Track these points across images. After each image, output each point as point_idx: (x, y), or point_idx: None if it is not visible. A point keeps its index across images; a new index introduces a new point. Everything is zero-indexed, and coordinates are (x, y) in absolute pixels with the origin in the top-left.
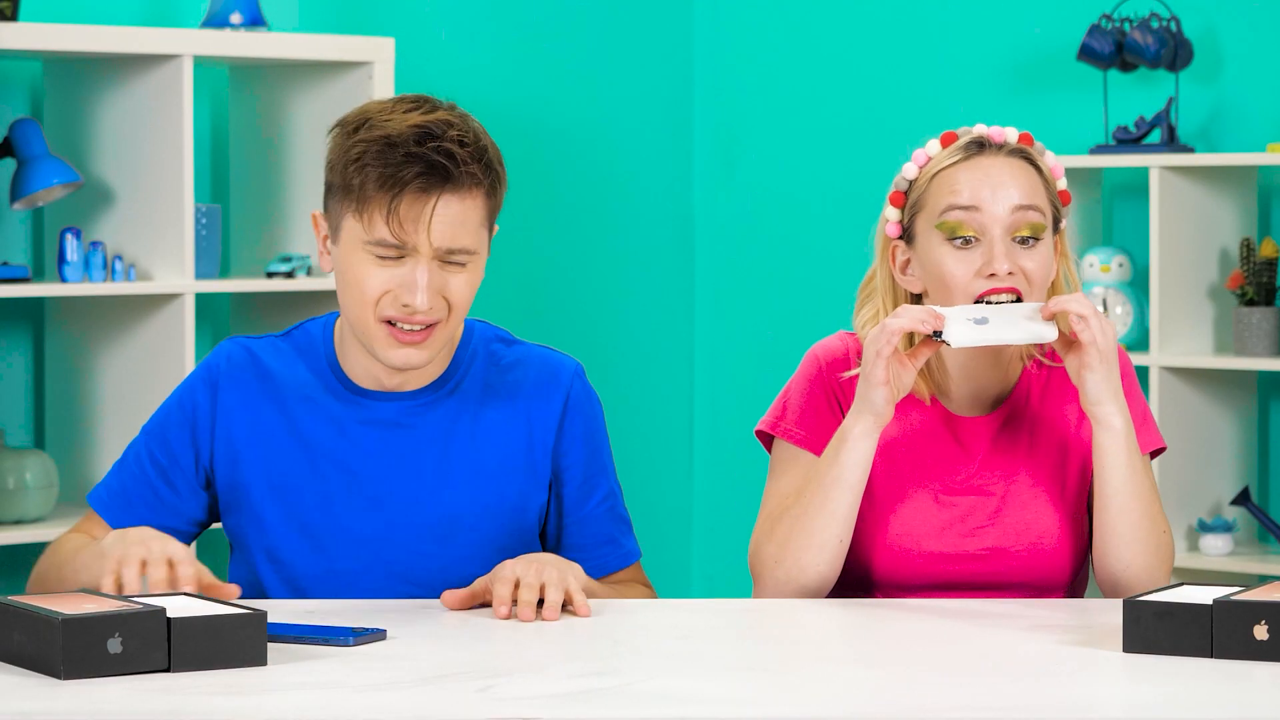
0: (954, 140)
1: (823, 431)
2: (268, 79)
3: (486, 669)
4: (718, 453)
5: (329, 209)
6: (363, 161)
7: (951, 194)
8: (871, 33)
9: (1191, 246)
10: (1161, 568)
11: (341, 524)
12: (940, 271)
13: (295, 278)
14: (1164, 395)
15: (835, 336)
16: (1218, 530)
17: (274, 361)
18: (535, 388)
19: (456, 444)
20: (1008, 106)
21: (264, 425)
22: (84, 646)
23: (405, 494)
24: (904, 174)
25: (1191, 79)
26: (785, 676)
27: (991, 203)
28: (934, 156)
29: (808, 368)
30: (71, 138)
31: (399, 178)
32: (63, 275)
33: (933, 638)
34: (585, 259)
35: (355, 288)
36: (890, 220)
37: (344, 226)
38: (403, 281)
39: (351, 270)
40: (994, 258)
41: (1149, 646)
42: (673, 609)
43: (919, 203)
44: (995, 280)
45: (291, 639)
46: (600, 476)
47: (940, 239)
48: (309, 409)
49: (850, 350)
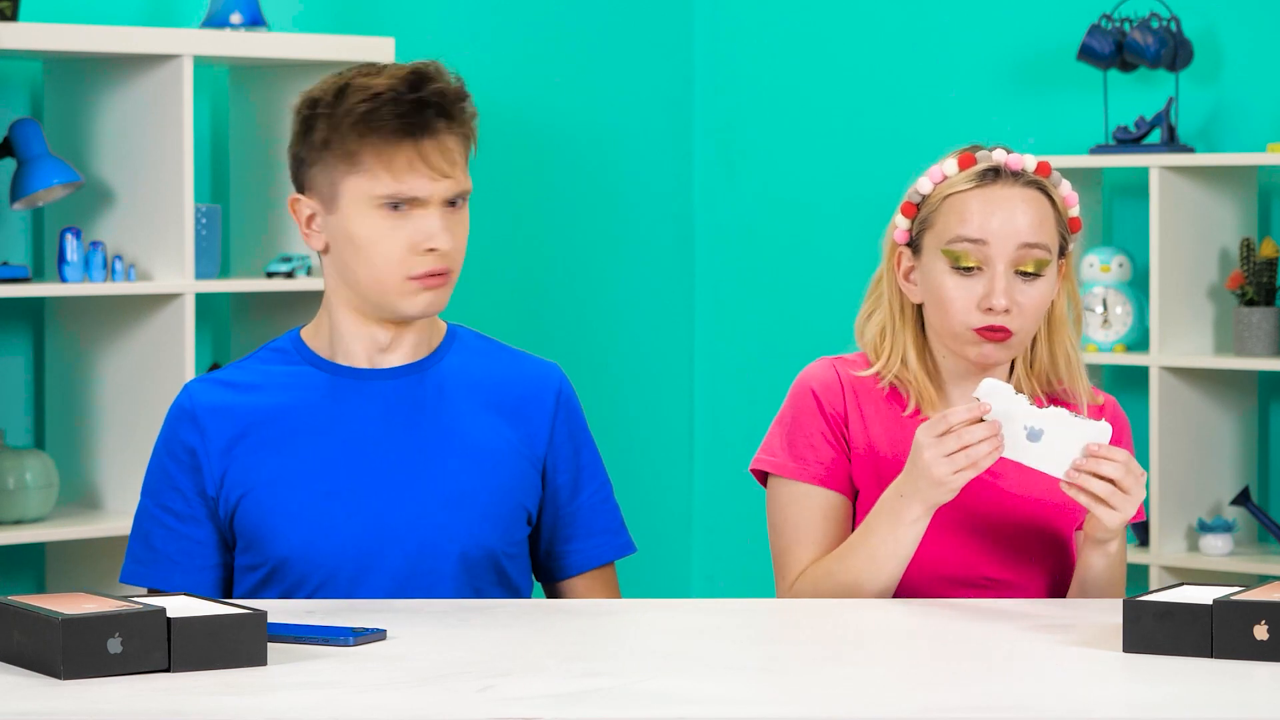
0: (972, 163)
1: (830, 463)
2: (268, 79)
3: (487, 669)
4: (718, 455)
5: (313, 184)
6: (368, 119)
7: (960, 223)
8: (872, 32)
9: (1191, 246)
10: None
11: (355, 502)
12: (940, 295)
13: (295, 278)
14: (1164, 395)
15: (822, 363)
16: (1218, 530)
17: (245, 377)
18: (525, 385)
19: (450, 413)
20: (1008, 106)
21: (258, 427)
22: (84, 646)
23: (414, 461)
24: (918, 187)
25: (1191, 79)
26: (786, 676)
27: (999, 237)
28: (950, 177)
29: (802, 400)
30: (71, 138)
31: (410, 125)
32: (63, 275)
33: (932, 637)
34: (583, 263)
35: (373, 248)
36: (900, 228)
37: (344, 193)
38: (422, 229)
39: (364, 232)
40: (993, 291)
41: (1149, 646)
42: (673, 608)
43: (928, 220)
44: (991, 316)
45: (291, 639)
46: (593, 468)
47: (944, 263)
48: (300, 396)
49: (841, 376)
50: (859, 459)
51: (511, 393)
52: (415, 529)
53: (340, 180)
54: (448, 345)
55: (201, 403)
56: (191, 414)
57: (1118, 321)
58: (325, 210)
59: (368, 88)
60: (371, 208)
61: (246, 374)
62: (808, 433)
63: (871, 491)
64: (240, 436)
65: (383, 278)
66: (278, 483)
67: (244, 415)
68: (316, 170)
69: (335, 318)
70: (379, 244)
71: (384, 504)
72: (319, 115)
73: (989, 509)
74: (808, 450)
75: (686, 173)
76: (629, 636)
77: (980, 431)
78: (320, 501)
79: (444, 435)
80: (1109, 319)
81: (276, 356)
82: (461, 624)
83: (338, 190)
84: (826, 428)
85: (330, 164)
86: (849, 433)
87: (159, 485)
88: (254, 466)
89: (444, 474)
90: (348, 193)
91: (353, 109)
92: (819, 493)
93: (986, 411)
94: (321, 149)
